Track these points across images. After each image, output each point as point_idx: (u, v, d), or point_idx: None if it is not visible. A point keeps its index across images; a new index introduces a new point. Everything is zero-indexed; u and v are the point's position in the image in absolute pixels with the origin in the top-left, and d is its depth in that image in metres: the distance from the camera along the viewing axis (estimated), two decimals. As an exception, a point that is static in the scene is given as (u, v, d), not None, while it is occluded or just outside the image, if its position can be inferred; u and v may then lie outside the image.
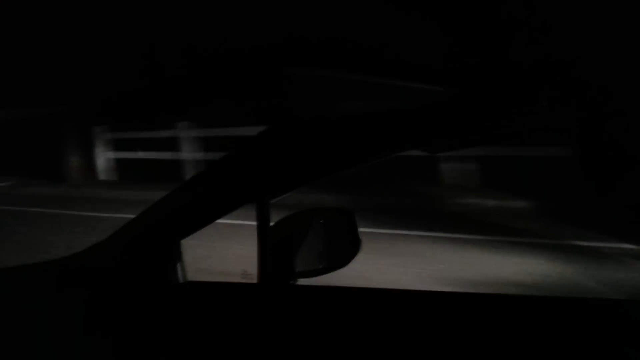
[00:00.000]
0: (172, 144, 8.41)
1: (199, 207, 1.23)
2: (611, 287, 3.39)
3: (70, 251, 1.34)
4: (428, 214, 5.71)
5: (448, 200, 6.14)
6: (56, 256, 1.33)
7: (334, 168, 1.22)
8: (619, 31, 1.12)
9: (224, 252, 4.47)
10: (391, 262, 4.04)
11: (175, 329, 1.19)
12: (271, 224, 1.20)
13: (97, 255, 1.29)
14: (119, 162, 9.57)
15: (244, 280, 3.30)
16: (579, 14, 1.17)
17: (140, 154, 8.81)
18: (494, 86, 1.16)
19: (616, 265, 3.78)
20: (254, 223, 1.17)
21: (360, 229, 1.27)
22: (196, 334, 1.17)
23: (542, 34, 1.20)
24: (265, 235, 1.17)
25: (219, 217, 1.21)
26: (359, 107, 1.27)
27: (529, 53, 1.21)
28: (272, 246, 1.17)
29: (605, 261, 3.87)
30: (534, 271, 3.73)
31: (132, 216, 1.28)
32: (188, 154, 8.31)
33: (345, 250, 1.23)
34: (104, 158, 9.65)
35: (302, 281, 1.21)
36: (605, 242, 4.23)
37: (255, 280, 1.20)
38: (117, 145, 9.52)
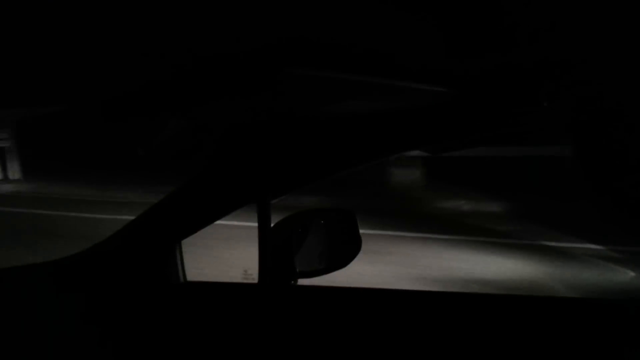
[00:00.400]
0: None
1: (200, 207, 1.23)
2: (567, 286, 3.47)
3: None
4: (393, 213, 5.71)
5: (410, 200, 6.14)
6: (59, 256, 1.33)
7: (334, 168, 1.22)
8: (619, 32, 1.12)
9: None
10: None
11: (175, 329, 1.19)
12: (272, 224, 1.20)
13: (98, 255, 1.29)
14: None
15: (244, 281, 3.31)
16: (580, 15, 1.17)
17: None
18: (494, 86, 1.16)
19: (579, 265, 3.87)
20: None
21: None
22: (196, 334, 1.17)
23: (543, 34, 1.20)
24: (265, 236, 1.17)
25: (220, 217, 1.21)
26: (359, 108, 1.27)
27: (530, 53, 1.21)
28: (273, 246, 1.18)
29: (570, 261, 3.95)
30: (493, 269, 3.81)
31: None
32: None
33: (345, 250, 1.23)
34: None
35: (303, 281, 1.21)
36: (574, 242, 4.31)
37: (255, 280, 1.20)
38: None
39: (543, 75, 1.15)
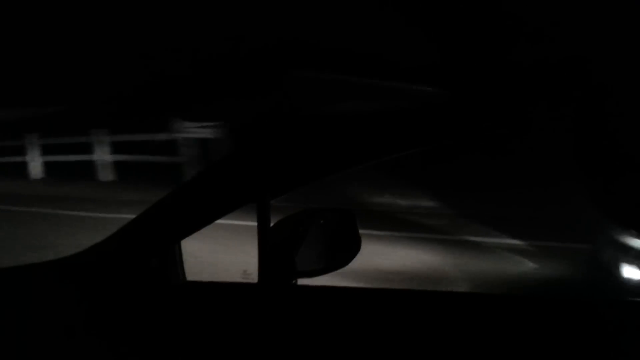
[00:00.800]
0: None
1: (199, 207, 1.24)
2: (465, 276, 3.64)
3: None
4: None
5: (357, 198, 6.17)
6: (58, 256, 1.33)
7: (334, 168, 1.22)
8: (619, 31, 1.12)
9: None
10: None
11: (175, 330, 1.19)
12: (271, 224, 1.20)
13: (98, 255, 1.29)
14: None
15: (244, 281, 3.32)
16: (580, 14, 1.17)
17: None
18: (493, 86, 1.17)
19: (487, 258, 4.02)
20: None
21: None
22: (196, 335, 1.17)
23: (543, 33, 1.20)
24: (265, 236, 1.17)
25: (219, 217, 1.21)
26: (359, 108, 1.28)
27: (530, 53, 1.21)
28: (272, 246, 1.18)
29: (481, 254, 4.09)
30: (408, 262, 3.95)
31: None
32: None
33: (345, 250, 1.23)
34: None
35: (302, 281, 1.21)
36: (496, 238, 4.42)
37: (255, 280, 1.21)
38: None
39: (543, 75, 1.16)
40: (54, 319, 1.23)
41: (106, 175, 8.42)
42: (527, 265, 3.82)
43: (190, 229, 1.22)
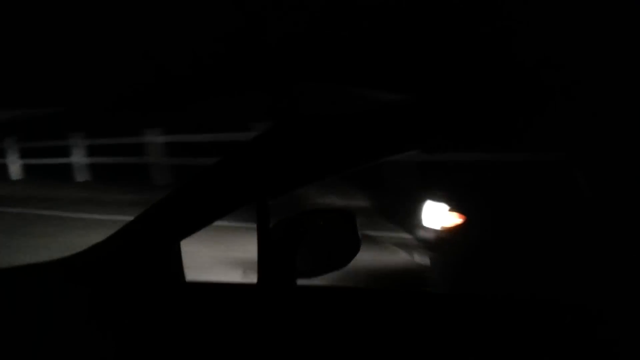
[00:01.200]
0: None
1: (199, 207, 1.24)
2: (348, 270, 3.82)
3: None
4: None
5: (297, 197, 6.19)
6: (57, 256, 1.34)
7: (334, 168, 1.22)
8: (616, 31, 1.12)
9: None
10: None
11: (174, 330, 1.19)
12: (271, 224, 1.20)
13: (98, 255, 1.29)
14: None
15: (243, 281, 3.33)
16: (577, 14, 1.18)
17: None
18: (489, 87, 1.17)
19: (374, 250, 4.22)
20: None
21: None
22: (195, 335, 1.17)
23: (537, 34, 1.21)
24: (265, 236, 1.18)
25: (219, 217, 1.21)
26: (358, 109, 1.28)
27: (524, 54, 1.21)
28: (272, 246, 1.18)
29: (371, 247, 4.25)
30: None
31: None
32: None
33: (344, 250, 1.23)
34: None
35: (302, 281, 1.21)
36: (394, 232, 4.50)
37: (255, 281, 1.21)
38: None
39: (537, 76, 1.16)
40: (53, 319, 1.23)
41: (87, 176, 8.90)
42: (401, 258, 4.05)
43: (190, 230, 1.22)
